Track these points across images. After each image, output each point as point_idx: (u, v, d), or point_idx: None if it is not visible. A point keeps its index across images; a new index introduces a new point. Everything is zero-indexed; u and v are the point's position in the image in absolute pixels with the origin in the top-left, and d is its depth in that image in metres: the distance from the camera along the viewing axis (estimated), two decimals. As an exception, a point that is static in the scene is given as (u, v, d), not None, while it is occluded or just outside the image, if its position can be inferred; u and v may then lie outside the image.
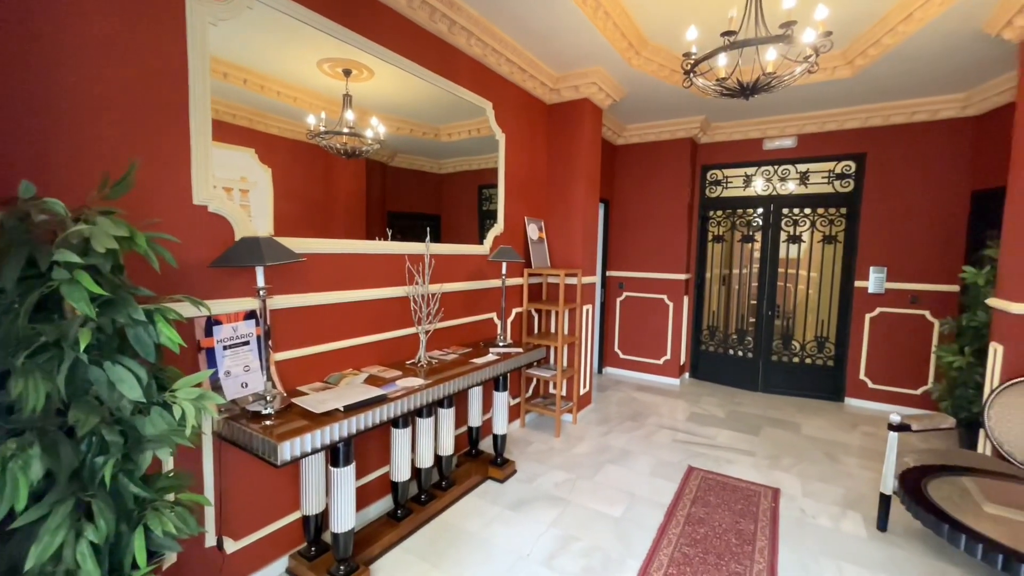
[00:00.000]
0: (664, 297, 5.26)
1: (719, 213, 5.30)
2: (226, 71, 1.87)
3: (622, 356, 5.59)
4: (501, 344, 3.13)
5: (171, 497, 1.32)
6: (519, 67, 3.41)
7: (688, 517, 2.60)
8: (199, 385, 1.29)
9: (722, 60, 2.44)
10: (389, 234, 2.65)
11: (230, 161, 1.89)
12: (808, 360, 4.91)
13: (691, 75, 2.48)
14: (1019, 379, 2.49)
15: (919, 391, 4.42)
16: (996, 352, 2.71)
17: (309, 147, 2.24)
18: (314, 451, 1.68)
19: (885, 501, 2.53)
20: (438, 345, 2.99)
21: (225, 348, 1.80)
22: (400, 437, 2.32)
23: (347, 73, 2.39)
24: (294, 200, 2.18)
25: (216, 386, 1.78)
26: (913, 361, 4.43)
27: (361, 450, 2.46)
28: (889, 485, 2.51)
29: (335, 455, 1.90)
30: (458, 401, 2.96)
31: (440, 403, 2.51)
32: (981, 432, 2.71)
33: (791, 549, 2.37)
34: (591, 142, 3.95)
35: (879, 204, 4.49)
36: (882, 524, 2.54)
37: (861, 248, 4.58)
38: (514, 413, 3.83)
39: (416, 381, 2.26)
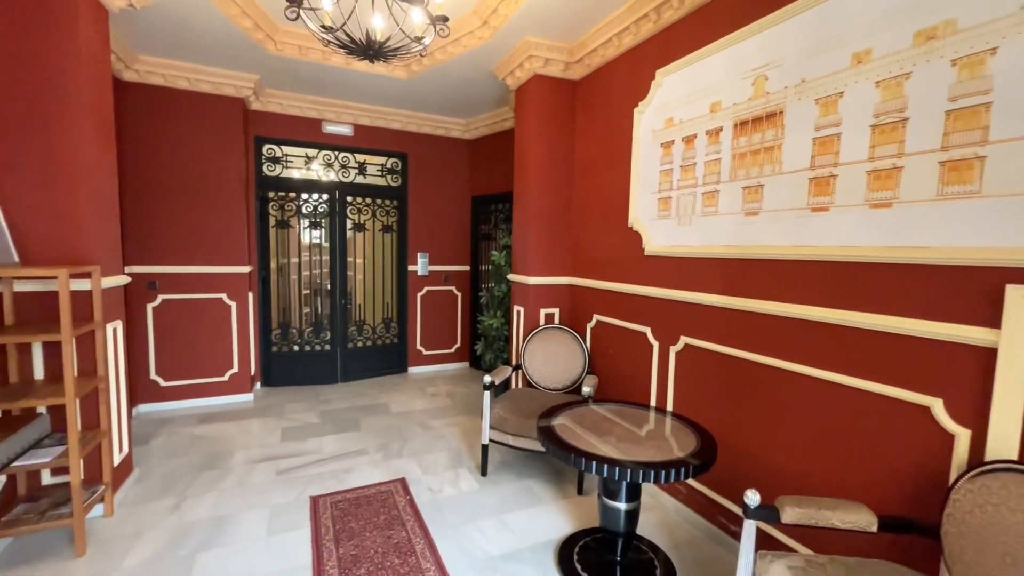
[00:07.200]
0: (223, 296, 4.14)
1: (280, 195, 4.67)
2: None
3: (164, 384, 4.02)
4: (-91, 439, 1.41)
5: None
6: None
7: (340, 564, 2.12)
8: None
9: (328, 3, 2.00)
10: None
11: None
12: (379, 341, 5.25)
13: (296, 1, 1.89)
14: (537, 329, 3.55)
15: (453, 349, 5.65)
16: (519, 313, 3.75)
17: None
18: None
19: (484, 450, 3.01)
20: None
21: None
22: None
23: None
24: None
25: None
26: (448, 327, 5.59)
27: None
28: (487, 436, 2.99)
29: None
30: None
31: None
32: (520, 372, 3.71)
33: (441, 533, 2.39)
34: (95, 58, 2.41)
35: (419, 199, 5.28)
36: (484, 470, 3.01)
37: (411, 237, 5.27)
38: (-46, 559, 1.91)
39: None
